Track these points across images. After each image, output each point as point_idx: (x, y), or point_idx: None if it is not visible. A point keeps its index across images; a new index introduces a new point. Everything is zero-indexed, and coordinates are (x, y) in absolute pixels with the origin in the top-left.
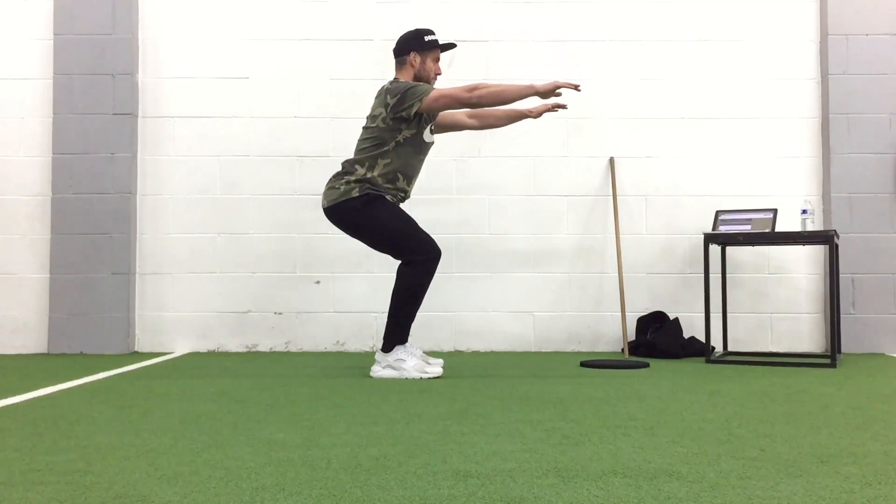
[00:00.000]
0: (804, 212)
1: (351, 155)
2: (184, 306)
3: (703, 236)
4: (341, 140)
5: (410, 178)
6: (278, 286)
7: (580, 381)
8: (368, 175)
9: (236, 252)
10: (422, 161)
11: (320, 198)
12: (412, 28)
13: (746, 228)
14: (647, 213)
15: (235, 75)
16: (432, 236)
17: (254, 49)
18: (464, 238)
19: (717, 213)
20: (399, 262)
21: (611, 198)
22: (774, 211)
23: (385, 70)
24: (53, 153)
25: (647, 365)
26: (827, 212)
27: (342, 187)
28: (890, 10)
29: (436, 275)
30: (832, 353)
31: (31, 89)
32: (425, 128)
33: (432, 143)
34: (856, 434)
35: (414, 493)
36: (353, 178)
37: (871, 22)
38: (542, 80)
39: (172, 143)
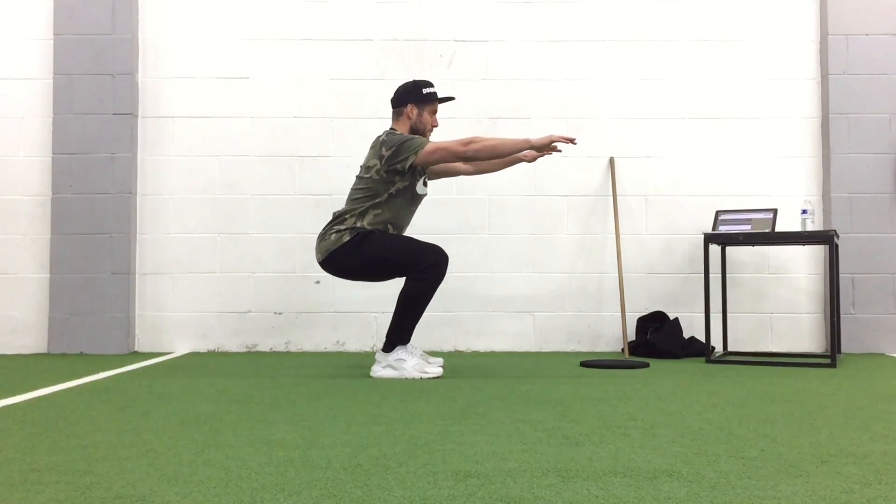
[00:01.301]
0: (804, 212)
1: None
2: (184, 306)
3: (703, 236)
4: (341, 140)
5: (400, 228)
6: (278, 286)
7: (580, 381)
8: (358, 224)
9: (236, 252)
10: (413, 213)
11: (320, 198)
12: (410, 80)
13: (746, 228)
14: (647, 213)
15: (235, 75)
16: (433, 236)
17: (254, 49)
18: (464, 238)
19: (717, 213)
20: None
21: (611, 198)
22: (774, 211)
23: (385, 70)
24: (53, 153)
25: (647, 365)
26: (827, 212)
27: (333, 237)
28: (890, 10)
29: None
30: (832, 353)
31: (31, 89)
32: (419, 180)
33: (425, 195)
34: (856, 434)
35: (414, 493)
36: (343, 227)
37: (871, 22)
38: (537, 135)
39: (172, 143)
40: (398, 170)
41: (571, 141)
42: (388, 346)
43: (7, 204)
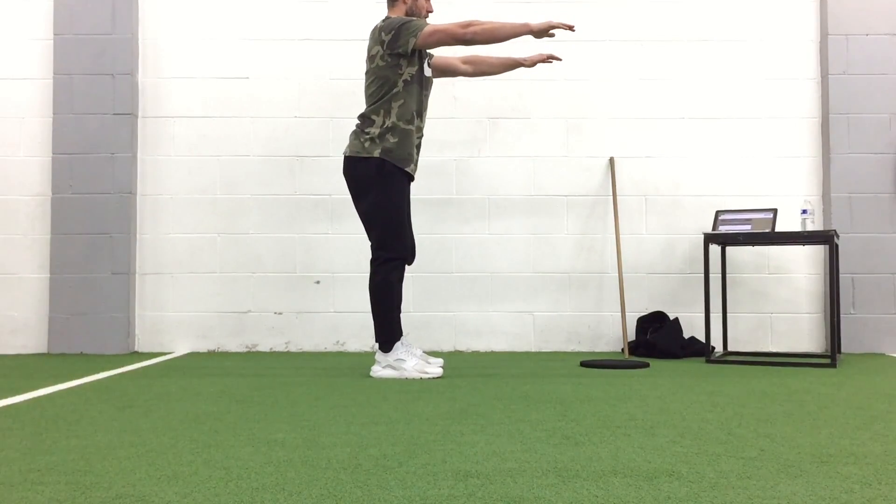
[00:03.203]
0: (804, 212)
1: None
2: (184, 306)
3: (703, 236)
4: (341, 140)
5: (422, 114)
6: (278, 286)
7: (580, 381)
8: (388, 122)
9: (236, 252)
10: (427, 97)
11: (320, 198)
12: None
13: (746, 228)
14: (647, 213)
15: (235, 75)
16: (432, 236)
17: (254, 49)
18: (464, 238)
19: (717, 213)
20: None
21: (611, 198)
22: (774, 211)
23: None
24: (53, 153)
25: (647, 365)
26: (827, 212)
27: (366, 143)
28: (890, 10)
29: (436, 274)
30: (832, 353)
31: (31, 89)
32: (425, 62)
33: (432, 79)
34: (856, 434)
35: (414, 493)
36: (375, 131)
37: (871, 22)
38: (536, 19)
39: (172, 143)
40: (401, 53)
41: (570, 28)
42: (385, 346)
43: (7, 204)
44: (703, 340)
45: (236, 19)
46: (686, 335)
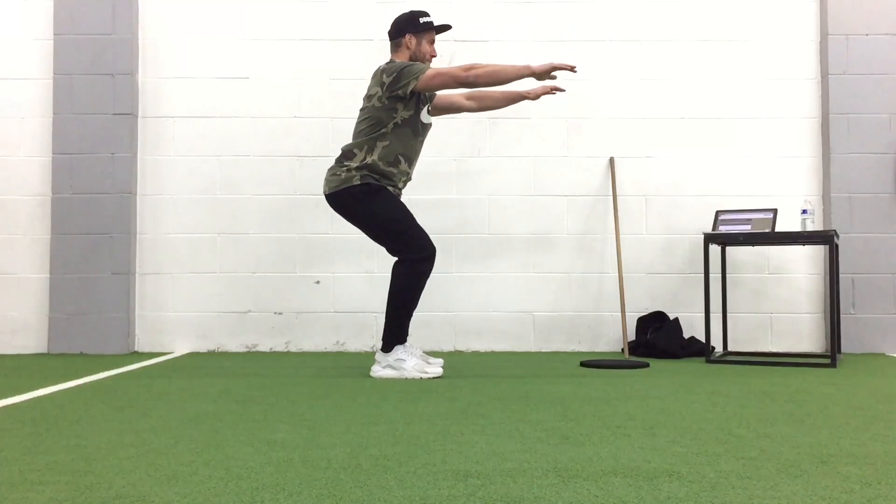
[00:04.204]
0: (804, 212)
1: None
2: (184, 306)
3: (703, 236)
4: (341, 140)
5: (411, 160)
6: (278, 286)
7: (580, 381)
8: (368, 160)
9: (236, 252)
10: (421, 143)
11: (320, 198)
12: (406, 10)
13: (746, 228)
14: (647, 213)
15: (235, 75)
16: (432, 236)
17: (254, 49)
18: (464, 238)
19: (717, 213)
20: (394, 257)
21: (611, 198)
22: (774, 211)
23: None
24: (53, 153)
25: (647, 365)
26: (827, 212)
27: (343, 174)
28: (890, 10)
29: (436, 275)
30: (832, 353)
31: (31, 89)
32: (423, 108)
33: (430, 124)
34: (856, 434)
35: (414, 493)
36: (353, 164)
37: (871, 22)
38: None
39: (172, 143)
40: (400, 96)
41: (572, 69)
42: (387, 347)
43: (7, 204)
44: (703, 340)
45: (236, 19)
46: (686, 335)
